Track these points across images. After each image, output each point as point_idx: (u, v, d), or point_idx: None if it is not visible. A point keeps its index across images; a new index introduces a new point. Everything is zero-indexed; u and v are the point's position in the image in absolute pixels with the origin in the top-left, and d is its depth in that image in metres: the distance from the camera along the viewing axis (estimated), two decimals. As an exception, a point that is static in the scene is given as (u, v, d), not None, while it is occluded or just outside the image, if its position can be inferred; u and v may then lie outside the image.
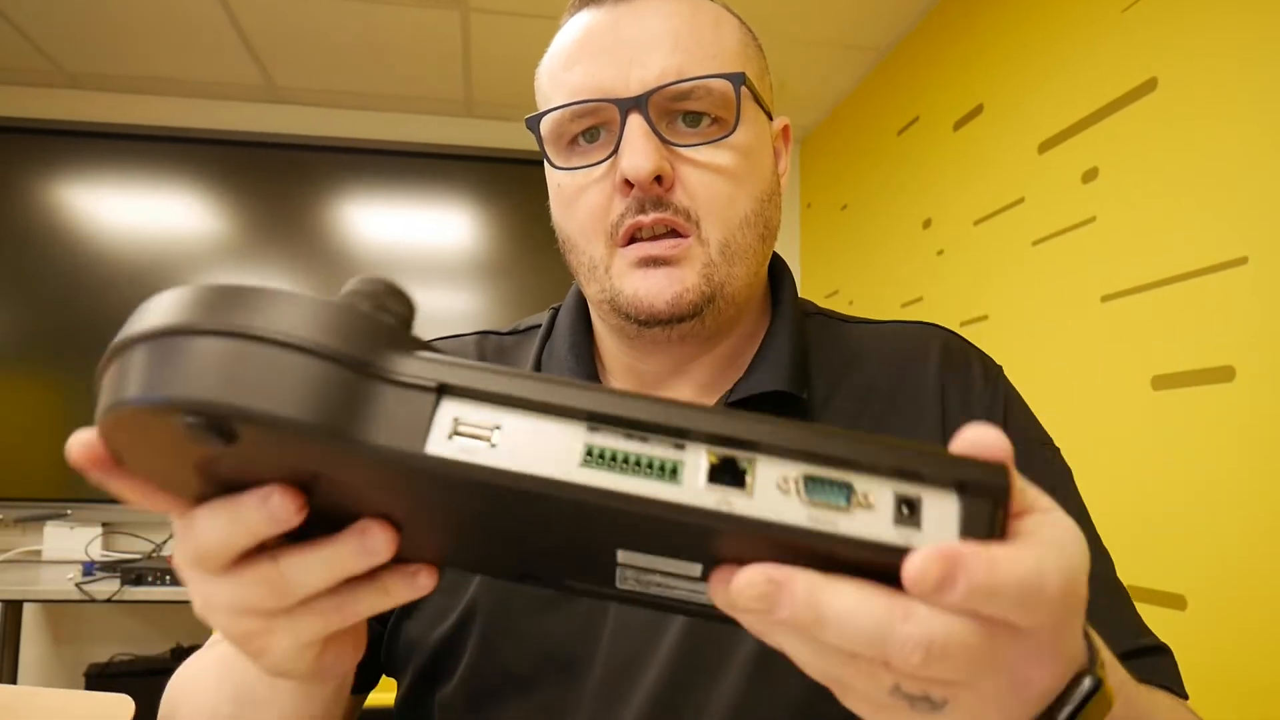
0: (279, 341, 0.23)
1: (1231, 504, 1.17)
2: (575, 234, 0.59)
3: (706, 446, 0.24)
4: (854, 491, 0.24)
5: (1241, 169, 1.19)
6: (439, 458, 0.23)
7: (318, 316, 0.23)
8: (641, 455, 0.24)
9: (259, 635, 0.32)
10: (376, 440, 0.23)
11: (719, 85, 0.55)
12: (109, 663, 2.33)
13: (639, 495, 0.24)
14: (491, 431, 0.24)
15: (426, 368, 0.24)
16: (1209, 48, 1.25)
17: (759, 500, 0.24)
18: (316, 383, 0.23)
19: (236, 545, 0.28)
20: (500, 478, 0.24)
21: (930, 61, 2.10)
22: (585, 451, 0.24)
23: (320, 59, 2.44)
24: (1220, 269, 1.21)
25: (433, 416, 0.24)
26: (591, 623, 0.55)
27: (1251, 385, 1.15)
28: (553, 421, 0.24)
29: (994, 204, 1.78)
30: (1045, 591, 0.25)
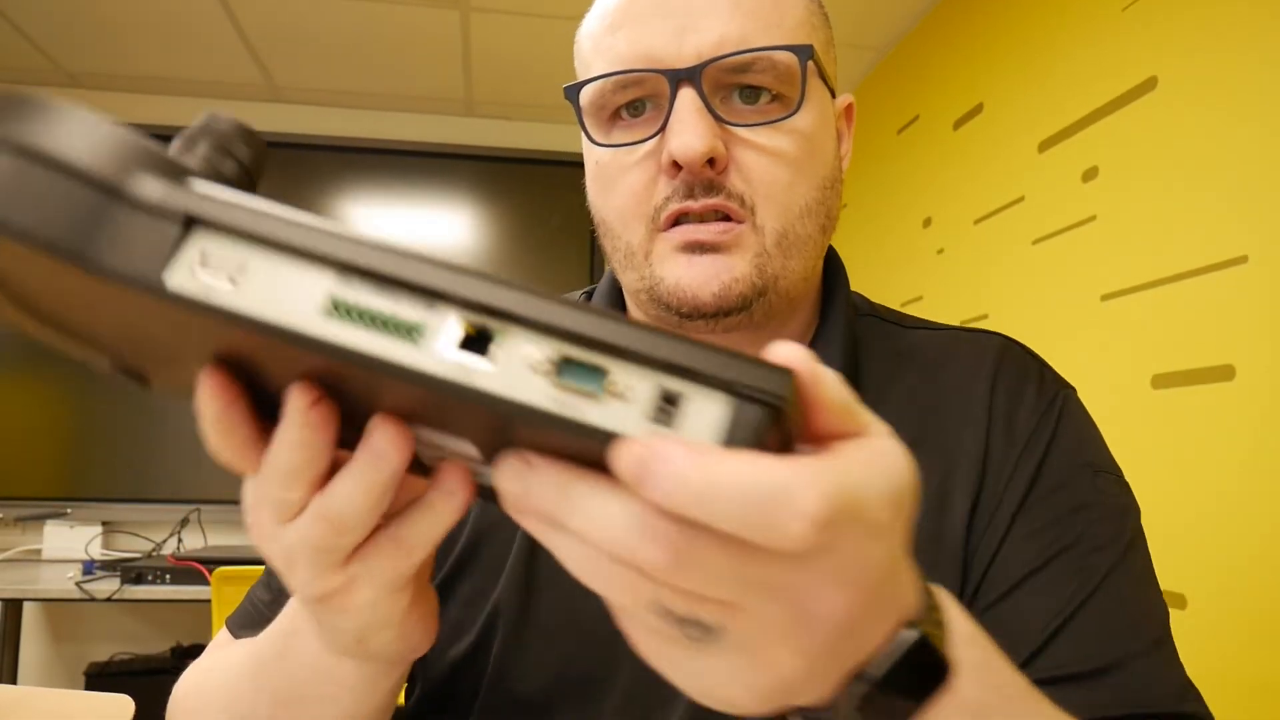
0: (34, 154, 0.22)
1: (1232, 502, 1.17)
2: (613, 218, 0.53)
3: (459, 311, 0.22)
4: (609, 378, 0.22)
5: (1242, 168, 1.19)
6: (175, 292, 0.22)
7: (82, 133, 0.22)
8: (386, 314, 0.22)
9: (341, 591, 0.31)
10: (113, 263, 0.22)
11: (783, 58, 0.49)
12: (109, 662, 2.34)
13: (376, 356, 0.22)
14: (236, 272, 0.22)
15: (179, 197, 0.23)
16: (1209, 46, 1.25)
17: (502, 376, 0.22)
18: (63, 200, 0.22)
19: (296, 463, 0.28)
20: (237, 321, 0.22)
21: (930, 60, 2.09)
22: (330, 303, 0.22)
23: (320, 58, 2.44)
24: (1220, 268, 1.21)
25: (177, 248, 0.22)
26: (612, 645, 0.50)
27: (1252, 384, 1.15)
28: (301, 267, 0.23)
29: (994, 203, 1.78)
30: (792, 509, 0.21)
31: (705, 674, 0.26)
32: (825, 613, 0.24)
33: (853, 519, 0.22)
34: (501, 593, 0.53)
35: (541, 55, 2.37)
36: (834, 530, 0.22)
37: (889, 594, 0.26)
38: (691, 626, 0.24)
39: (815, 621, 0.24)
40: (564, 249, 2.74)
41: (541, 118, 2.80)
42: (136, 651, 2.40)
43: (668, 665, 0.27)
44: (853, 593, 0.24)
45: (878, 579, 0.24)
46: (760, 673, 0.25)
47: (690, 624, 0.24)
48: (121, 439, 2.50)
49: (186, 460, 2.50)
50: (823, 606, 0.24)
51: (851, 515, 0.22)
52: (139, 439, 2.50)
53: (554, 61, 2.41)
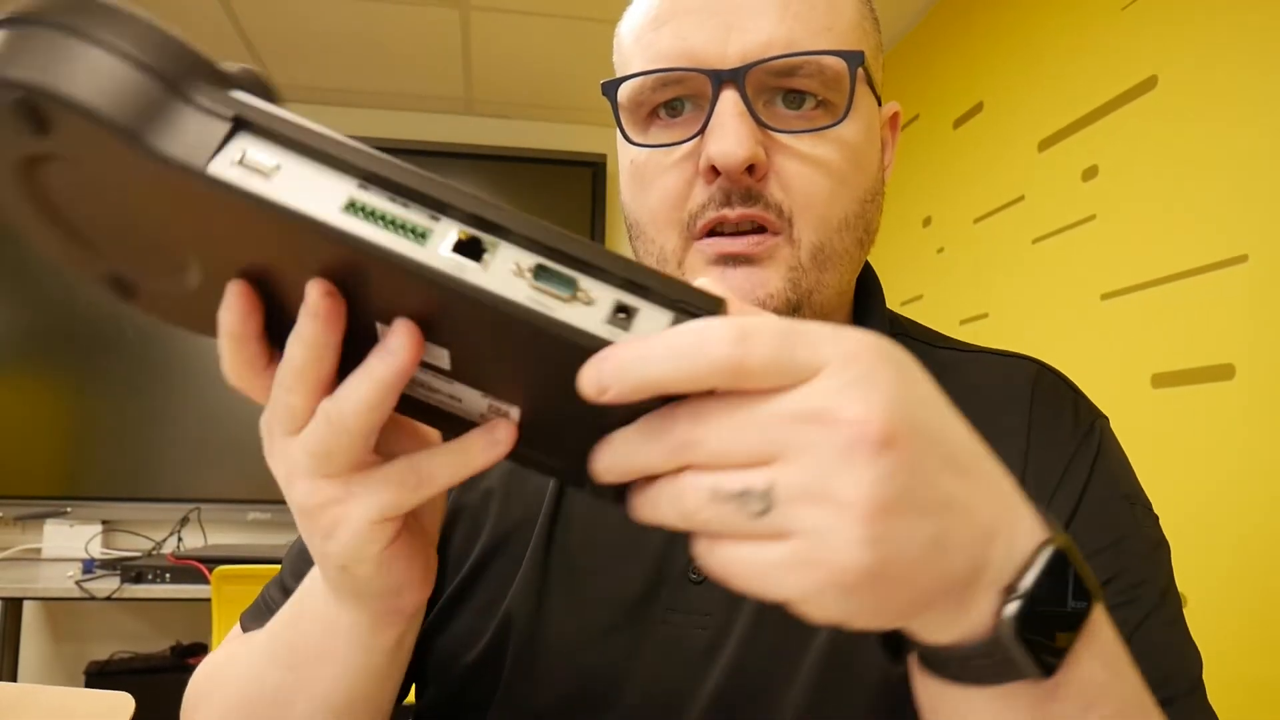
0: (106, 44, 0.25)
1: (1231, 501, 1.17)
2: (645, 220, 0.52)
3: (459, 224, 0.26)
4: (578, 287, 0.26)
5: (1242, 167, 1.19)
6: (215, 176, 0.25)
7: (152, 38, 0.25)
8: (398, 216, 0.26)
9: (335, 503, 0.32)
10: (165, 148, 0.25)
11: (832, 64, 0.47)
12: (109, 661, 2.33)
13: (384, 247, 0.25)
14: (272, 170, 0.26)
15: (230, 102, 0.26)
16: (1209, 45, 1.25)
17: (490, 275, 0.26)
18: (127, 86, 0.25)
19: (306, 362, 0.29)
20: (265, 206, 0.25)
21: (930, 59, 2.09)
22: (348, 202, 0.26)
23: (320, 56, 2.44)
24: (1220, 267, 1.21)
25: (223, 143, 0.25)
26: (626, 657, 0.51)
27: (1251, 383, 1.15)
28: (328, 172, 0.26)
29: (994, 202, 1.78)
30: (707, 334, 0.25)
31: (790, 562, 0.25)
32: (850, 435, 0.25)
33: (770, 330, 0.25)
34: (513, 602, 0.52)
35: (542, 54, 2.37)
36: (754, 342, 0.25)
37: (934, 453, 0.26)
38: (749, 499, 0.25)
39: (848, 469, 0.24)
40: (564, 248, 2.73)
41: (541, 117, 2.80)
42: (136, 650, 2.40)
43: (748, 568, 0.26)
44: (866, 415, 0.25)
45: (886, 400, 0.25)
46: (837, 541, 0.25)
47: (746, 496, 0.25)
48: (121, 438, 2.50)
49: (186, 459, 2.50)
50: (843, 430, 0.25)
51: (765, 327, 0.25)
52: (139, 438, 2.50)
53: (554, 60, 2.40)
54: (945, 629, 0.29)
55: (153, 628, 2.49)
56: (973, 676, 0.30)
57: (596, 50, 2.34)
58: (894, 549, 0.25)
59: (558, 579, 0.53)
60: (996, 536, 0.28)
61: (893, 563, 0.25)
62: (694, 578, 0.51)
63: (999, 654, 0.28)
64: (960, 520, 0.27)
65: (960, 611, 0.28)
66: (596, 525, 0.54)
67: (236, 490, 2.46)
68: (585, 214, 2.74)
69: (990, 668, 0.29)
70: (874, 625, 0.27)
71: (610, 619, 0.51)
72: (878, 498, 0.24)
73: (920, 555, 0.26)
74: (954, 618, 0.28)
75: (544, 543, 0.54)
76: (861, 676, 0.48)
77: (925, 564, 0.26)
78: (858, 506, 0.24)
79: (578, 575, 0.53)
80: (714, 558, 0.27)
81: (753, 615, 0.50)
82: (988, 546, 0.28)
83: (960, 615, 0.28)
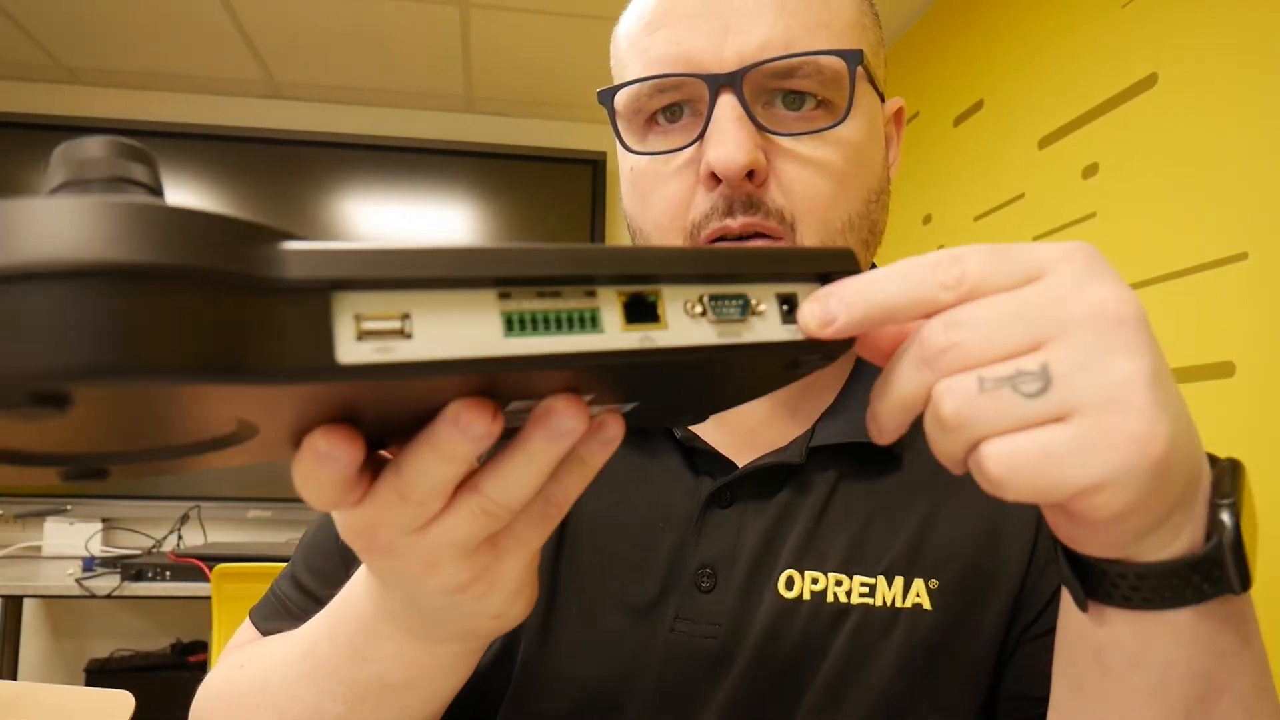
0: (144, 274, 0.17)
1: (1231, 500, 1.17)
2: (649, 228, 0.51)
3: (615, 288, 0.24)
4: (749, 302, 0.26)
5: (1242, 165, 1.19)
6: (352, 365, 0.20)
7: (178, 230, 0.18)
8: (560, 311, 0.23)
9: (487, 570, 0.30)
10: (276, 367, 0.19)
11: (831, 63, 0.47)
12: (109, 658, 2.33)
13: (571, 352, 0.23)
14: (402, 321, 0.21)
15: (309, 262, 0.20)
16: (1209, 43, 1.25)
17: (676, 332, 0.25)
18: (191, 319, 0.18)
19: (449, 478, 0.27)
20: (429, 370, 0.21)
21: (930, 57, 2.09)
22: (505, 322, 0.23)
23: (320, 54, 2.44)
24: (1220, 264, 1.21)
25: (332, 319, 0.20)
26: (635, 666, 0.50)
27: (1251, 381, 1.15)
28: (461, 294, 0.22)
29: (994, 200, 1.78)
30: (932, 258, 0.26)
31: (1087, 442, 0.24)
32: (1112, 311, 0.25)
33: (979, 248, 0.27)
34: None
35: (542, 52, 2.37)
36: (969, 258, 0.26)
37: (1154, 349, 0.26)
38: (1022, 380, 0.25)
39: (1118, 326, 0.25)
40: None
41: (541, 114, 2.80)
42: (137, 648, 2.40)
43: (1039, 459, 0.25)
44: (1120, 293, 0.26)
45: (1125, 285, 0.26)
46: (1133, 409, 0.24)
47: (1020, 377, 0.25)
48: (121, 436, 2.50)
49: (186, 457, 2.50)
50: (1104, 307, 0.25)
51: (973, 248, 0.27)
52: (139, 436, 2.50)
53: (554, 58, 2.40)
54: (1174, 540, 0.28)
55: (153, 625, 2.49)
56: (1183, 596, 0.29)
57: (597, 48, 2.33)
58: (1180, 418, 0.25)
59: (567, 586, 0.53)
60: (1196, 441, 0.28)
61: (1184, 433, 0.25)
62: (703, 587, 0.51)
63: (1215, 565, 0.28)
64: (1185, 413, 0.27)
65: (1187, 517, 0.28)
66: (606, 533, 0.54)
67: (237, 488, 2.46)
68: (585, 212, 2.74)
69: (1200, 584, 0.29)
70: (1142, 530, 0.27)
71: (619, 627, 0.51)
72: (1154, 366, 0.25)
73: (1190, 431, 0.26)
74: (1183, 523, 0.28)
75: (554, 550, 0.53)
76: (873, 686, 0.48)
77: (1194, 440, 0.27)
78: (1143, 373, 0.24)
79: (587, 583, 0.53)
80: (996, 458, 0.25)
81: (765, 625, 0.50)
82: (1199, 447, 0.28)
83: (1186, 522, 0.28)
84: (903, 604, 0.49)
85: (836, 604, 0.50)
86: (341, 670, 0.39)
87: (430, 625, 0.35)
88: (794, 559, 0.51)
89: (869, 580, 0.50)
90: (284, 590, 0.58)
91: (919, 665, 0.48)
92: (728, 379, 0.31)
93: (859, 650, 0.49)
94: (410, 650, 0.37)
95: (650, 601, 0.51)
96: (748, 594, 0.50)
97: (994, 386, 0.25)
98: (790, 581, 0.50)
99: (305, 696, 0.42)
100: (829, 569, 0.50)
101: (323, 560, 0.57)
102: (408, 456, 0.26)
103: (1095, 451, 0.24)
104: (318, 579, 0.56)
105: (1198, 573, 0.28)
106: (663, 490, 0.54)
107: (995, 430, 0.25)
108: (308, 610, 0.48)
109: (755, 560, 0.51)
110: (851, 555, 0.50)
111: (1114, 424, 0.24)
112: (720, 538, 0.52)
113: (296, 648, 0.43)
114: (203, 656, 2.27)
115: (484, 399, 0.25)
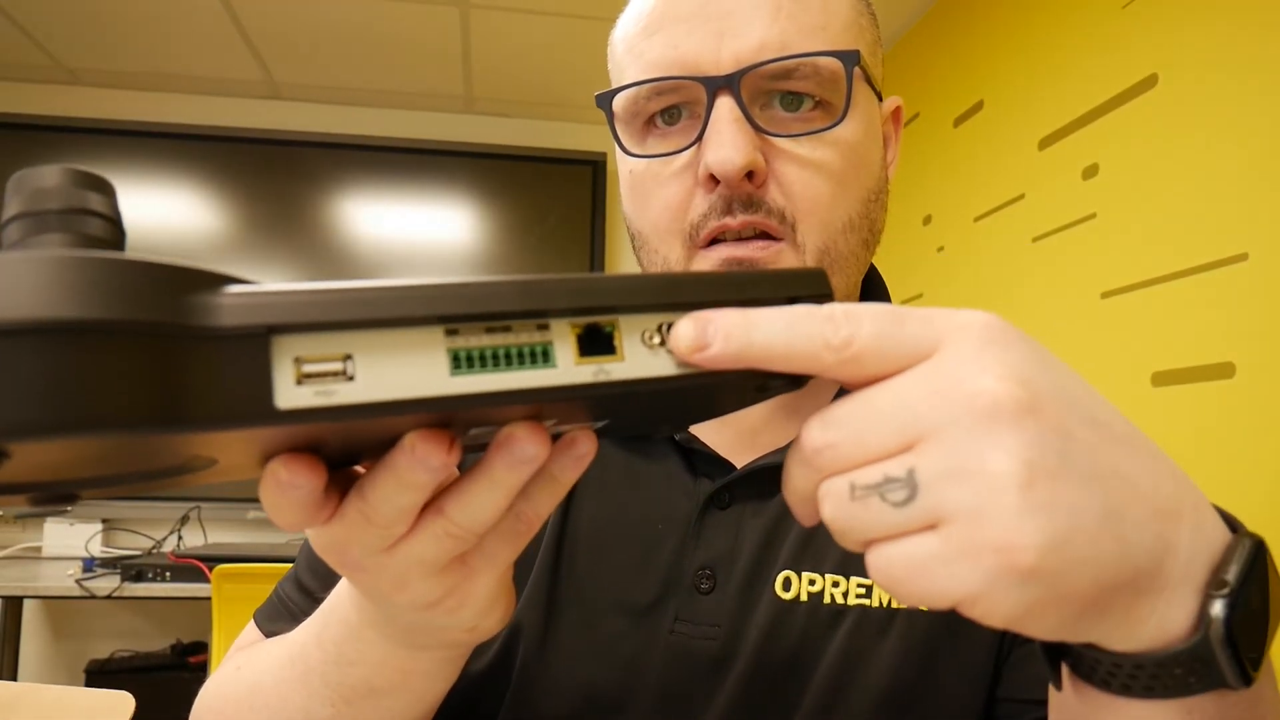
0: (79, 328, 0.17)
1: (1232, 500, 1.17)
2: (648, 231, 0.51)
3: (569, 319, 0.24)
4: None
5: (1242, 165, 1.18)
6: (296, 410, 0.20)
7: (105, 283, 0.17)
8: (509, 346, 0.23)
9: (458, 586, 0.30)
10: (216, 414, 0.19)
11: (828, 64, 0.47)
12: (109, 659, 2.33)
13: (520, 389, 0.23)
14: (344, 362, 0.21)
15: (245, 308, 0.20)
16: (1209, 44, 1.25)
17: (631, 363, 0.24)
18: (123, 371, 0.18)
19: (410, 503, 0.27)
20: (371, 411, 0.21)
21: (930, 58, 2.09)
22: (452, 360, 0.22)
23: (320, 55, 2.44)
24: (1220, 265, 1.21)
25: (271, 364, 0.20)
26: (635, 668, 0.50)
27: (1252, 381, 1.15)
28: (405, 333, 0.22)
29: (994, 200, 1.78)
30: (818, 312, 0.25)
31: (951, 551, 0.23)
32: (987, 402, 0.23)
33: (877, 309, 0.25)
34: (522, 611, 0.52)
35: (542, 52, 2.37)
36: (861, 318, 0.25)
37: (1081, 417, 0.24)
38: (890, 487, 0.24)
39: (991, 420, 0.23)
40: (563, 246, 2.73)
41: (541, 115, 2.80)
42: (137, 649, 2.40)
43: (909, 569, 0.24)
44: (999, 383, 0.23)
45: (1018, 363, 0.24)
46: (998, 515, 0.22)
47: (887, 485, 0.24)
48: (121, 436, 2.50)
49: (186, 457, 2.50)
50: (979, 399, 0.23)
51: (872, 307, 0.25)
52: (139, 436, 2.50)
53: (554, 59, 2.40)
54: (1137, 631, 0.25)
55: (153, 626, 2.49)
56: (1164, 689, 0.26)
57: (596, 48, 2.33)
58: (1063, 519, 0.22)
59: (566, 589, 0.53)
60: (1178, 518, 0.25)
61: (1067, 536, 0.22)
62: (702, 588, 0.51)
63: (1201, 661, 0.25)
64: (1130, 492, 0.24)
65: (1153, 609, 0.25)
66: (605, 535, 0.54)
67: (237, 489, 2.45)
68: (585, 212, 2.74)
69: (1185, 678, 0.26)
70: (1058, 627, 0.24)
71: (618, 629, 0.51)
72: (1032, 462, 0.22)
73: (1096, 528, 0.23)
74: (1146, 617, 0.25)
75: (553, 552, 0.54)
76: (872, 686, 0.48)
77: (1103, 539, 0.23)
78: (1012, 474, 0.22)
79: (586, 585, 0.53)
80: (875, 567, 0.24)
81: (763, 626, 0.50)
82: (1170, 527, 0.25)
83: (1153, 614, 0.25)
84: (899, 604, 0.49)
85: (833, 605, 0.50)
86: (329, 674, 0.40)
87: (406, 634, 0.35)
88: (791, 560, 0.51)
89: (865, 581, 0.50)
90: (287, 591, 0.58)
91: (917, 665, 0.48)
92: (692, 402, 0.30)
93: (856, 650, 0.49)
94: (394, 656, 0.37)
95: (650, 603, 0.51)
96: (746, 595, 0.50)
97: (863, 495, 0.24)
98: (787, 582, 0.50)
99: (295, 700, 0.42)
100: (826, 570, 0.50)
101: (323, 562, 0.57)
102: (370, 481, 0.26)
103: (961, 563, 0.23)
104: (319, 580, 0.56)
105: (1181, 666, 0.25)
106: (662, 492, 0.54)
107: (870, 539, 0.25)
108: (308, 611, 0.48)
109: (754, 561, 0.51)
110: (849, 556, 0.50)
111: (977, 534, 0.23)
112: (719, 539, 0.52)
113: (288, 651, 0.44)
114: (203, 657, 2.27)
115: (440, 430, 0.25)
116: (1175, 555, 0.25)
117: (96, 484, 0.25)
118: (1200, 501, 0.27)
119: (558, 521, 0.54)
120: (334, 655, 0.39)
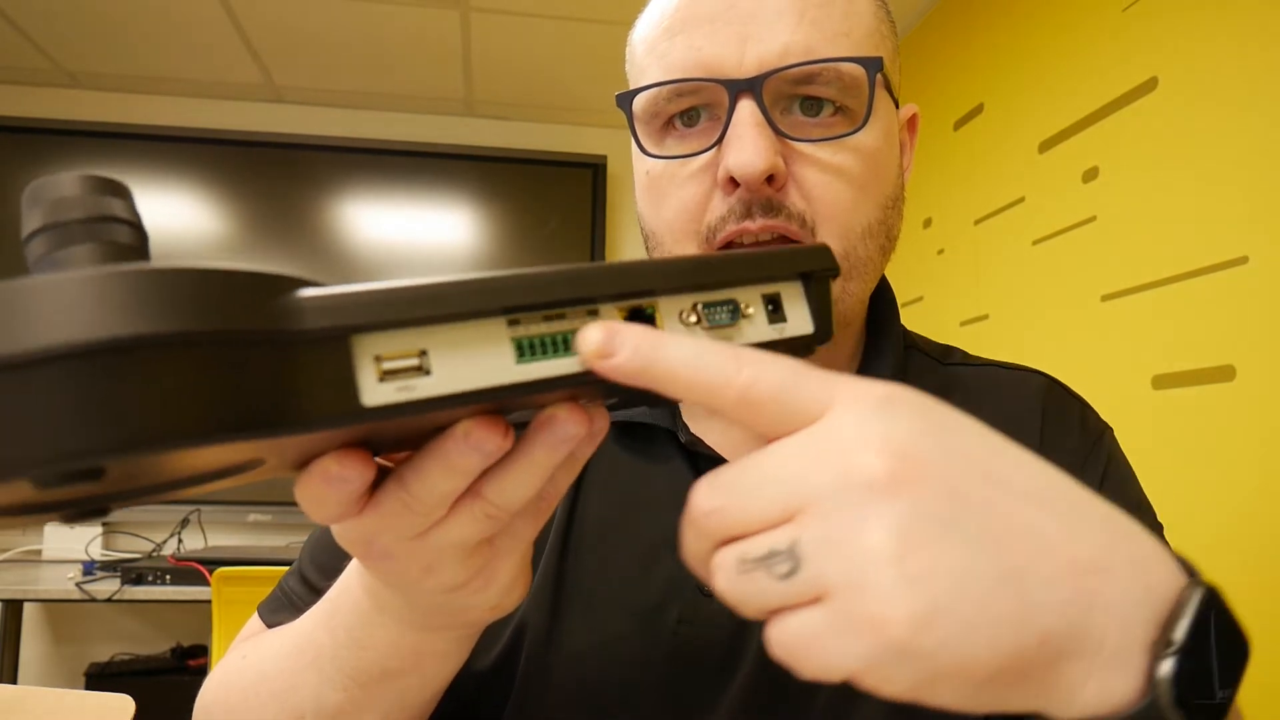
0: (180, 340, 0.17)
1: (1233, 503, 1.17)
2: (663, 231, 0.51)
3: (615, 304, 0.25)
4: (738, 306, 0.27)
5: (1242, 168, 1.19)
6: (382, 406, 0.21)
7: (205, 295, 0.18)
8: (567, 333, 0.24)
9: (487, 566, 0.31)
10: (310, 416, 0.20)
11: (850, 70, 0.47)
12: (109, 662, 2.33)
13: (578, 373, 0.24)
14: (420, 358, 0.22)
15: (326, 310, 0.21)
16: (1210, 47, 1.25)
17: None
18: (233, 378, 0.18)
19: (455, 489, 0.27)
20: (448, 403, 0.22)
21: (930, 60, 2.09)
22: (516, 348, 0.24)
23: (320, 58, 2.44)
24: (1221, 268, 1.21)
25: (354, 364, 0.21)
26: (640, 669, 0.50)
27: (1252, 385, 1.15)
28: (471, 326, 0.23)
29: (994, 203, 1.78)
30: (724, 352, 0.25)
31: (833, 626, 0.23)
32: (862, 473, 0.23)
33: (786, 363, 0.25)
34: (527, 611, 0.52)
35: (542, 55, 2.37)
36: (767, 367, 0.25)
37: (975, 477, 0.24)
38: (774, 560, 0.24)
39: (865, 492, 0.23)
40: (564, 249, 2.74)
41: (541, 118, 2.80)
42: (137, 652, 2.39)
43: (798, 641, 0.23)
44: (877, 457, 0.23)
45: (898, 431, 0.24)
46: (872, 589, 0.22)
47: (772, 558, 0.24)
48: (122, 439, 2.50)
49: (187, 460, 2.50)
50: (854, 469, 0.23)
51: (783, 360, 0.25)
52: (139, 439, 2.50)
53: (554, 61, 2.41)
54: (1074, 698, 0.24)
55: (153, 629, 2.49)
56: None
57: (596, 51, 2.34)
58: (945, 588, 0.22)
59: (571, 589, 0.53)
60: (1107, 573, 0.24)
61: (947, 605, 0.22)
62: (706, 590, 0.51)
63: None
64: (1037, 548, 0.23)
65: (1087, 673, 0.24)
66: (610, 535, 0.54)
67: (236, 492, 2.45)
68: (586, 215, 2.74)
69: None
70: (966, 699, 0.23)
71: (623, 630, 0.51)
72: (905, 533, 0.22)
73: (987, 592, 0.22)
74: (1080, 682, 0.24)
75: (558, 552, 0.53)
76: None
77: (998, 602, 0.22)
78: (884, 547, 0.22)
79: (591, 585, 0.53)
80: (771, 639, 0.24)
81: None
82: (1094, 582, 0.24)
83: (1088, 679, 0.24)
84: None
85: None
86: (341, 659, 0.40)
87: (426, 617, 0.36)
88: None
89: None
90: (290, 585, 0.58)
91: None
92: None
93: None
94: (406, 638, 0.38)
95: (654, 604, 0.51)
96: None
97: (751, 568, 0.24)
98: None
99: (306, 685, 0.42)
100: None
101: (328, 556, 0.57)
102: (414, 470, 0.27)
103: (843, 636, 0.22)
104: (322, 573, 0.57)
105: None
106: (666, 494, 0.54)
107: (763, 611, 0.24)
108: (311, 604, 0.48)
109: None
110: None
111: (857, 607, 0.22)
112: None
113: (296, 638, 0.44)
114: (203, 660, 2.27)
115: (495, 416, 0.26)
116: (1107, 613, 0.24)
117: (143, 494, 0.24)
118: (1143, 554, 0.26)
119: (563, 522, 0.54)
120: (345, 640, 0.40)
